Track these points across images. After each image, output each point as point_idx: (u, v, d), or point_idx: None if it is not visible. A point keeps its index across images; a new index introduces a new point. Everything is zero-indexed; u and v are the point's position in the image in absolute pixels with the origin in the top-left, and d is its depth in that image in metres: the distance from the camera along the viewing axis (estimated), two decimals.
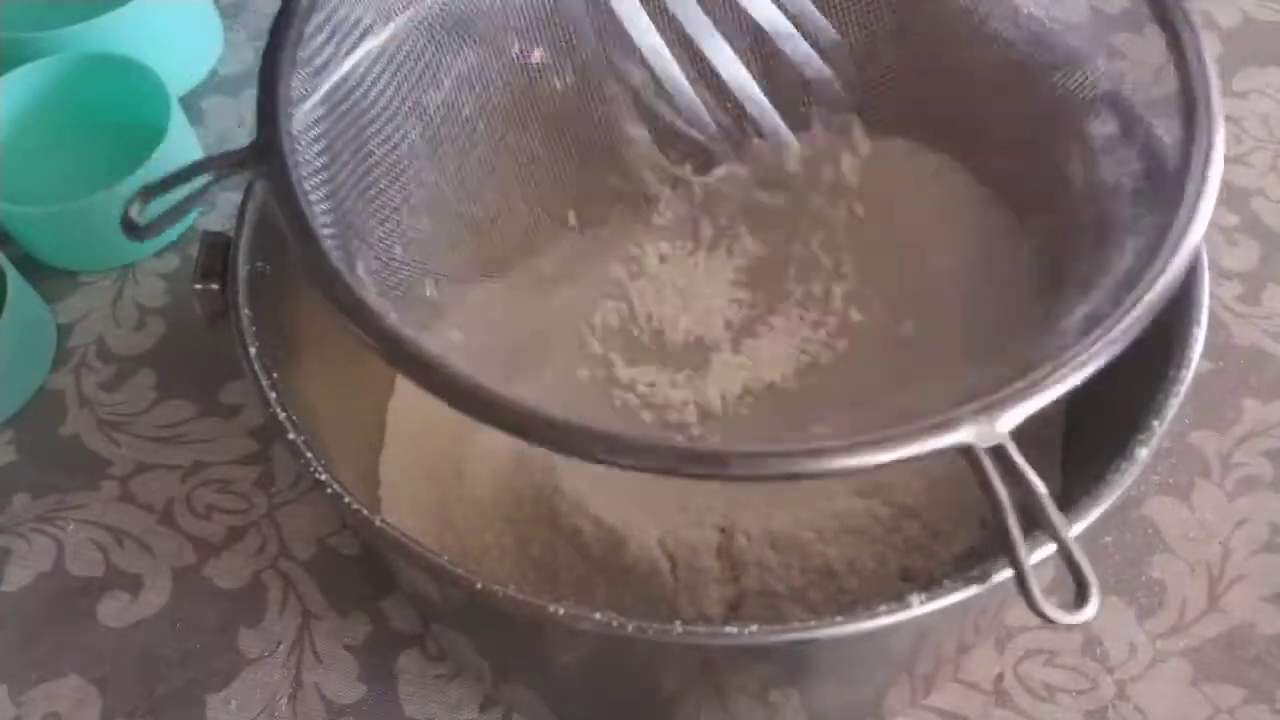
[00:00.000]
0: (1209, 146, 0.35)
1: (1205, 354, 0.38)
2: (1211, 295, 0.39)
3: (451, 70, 0.46)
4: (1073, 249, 0.40)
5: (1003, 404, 0.30)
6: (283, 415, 0.38)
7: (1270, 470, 0.51)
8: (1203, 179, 0.34)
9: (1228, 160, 0.61)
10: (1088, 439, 0.46)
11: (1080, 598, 0.30)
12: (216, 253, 0.42)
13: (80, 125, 0.64)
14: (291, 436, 0.37)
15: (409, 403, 0.51)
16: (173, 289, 0.61)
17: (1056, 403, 0.31)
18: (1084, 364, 0.31)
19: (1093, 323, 0.33)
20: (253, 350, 0.39)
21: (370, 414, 0.50)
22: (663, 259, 0.53)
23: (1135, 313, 0.32)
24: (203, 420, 0.56)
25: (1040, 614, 0.30)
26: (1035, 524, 0.30)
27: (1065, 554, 0.30)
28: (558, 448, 0.30)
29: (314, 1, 0.39)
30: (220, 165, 0.36)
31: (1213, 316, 0.41)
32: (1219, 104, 0.36)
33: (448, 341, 0.46)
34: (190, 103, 0.67)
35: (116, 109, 0.63)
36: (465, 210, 0.48)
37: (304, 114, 0.38)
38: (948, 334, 0.46)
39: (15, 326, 0.56)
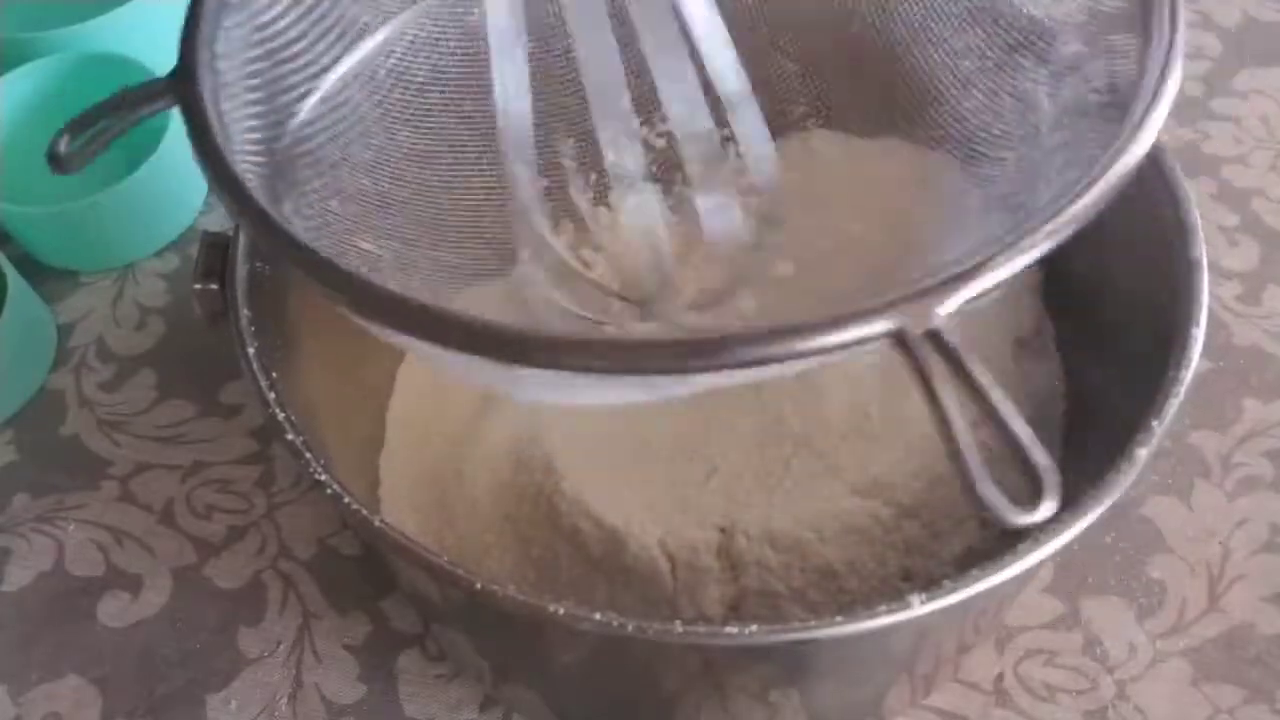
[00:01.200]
0: (1169, 43, 0.33)
1: (1205, 354, 0.38)
2: (1211, 295, 0.39)
3: (405, 35, 0.45)
4: (1038, 177, 0.39)
5: (940, 289, 0.28)
6: (283, 415, 0.38)
7: (1270, 470, 0.51)
8: (1165, 61, 0.33)
9: (1228, 160, 0.62)
10: (1088, 439, 0.46)
11: (1035, 491, 0.26)
12: (216, 253, 0.42)
13: None
14: (291, 436, 0.37)
15: (409, 403, 0.51)
16: (173, 289, 0.61)
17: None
18: (1019, 248, 0.29)
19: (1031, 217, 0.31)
20: (252, 350, 0.39)
21: (370, 414, 0.50)
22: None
23: (1086, 199, 0.30)
24: (203, 420, 0.56)
25: (988, 507, 0.26)
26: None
27: (1013, 444, 0.27)
28: (484, 352, 0.28)
29: None
30: (140, 95, 0.36)
31: (1213, 316, 0.41)
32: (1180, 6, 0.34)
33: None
34: None
35: None
36: (416, 176, 0.46)
37: (240, 53, 0.37)
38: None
39: (15, 326, 0.56)
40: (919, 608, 0.33)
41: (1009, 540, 0.33)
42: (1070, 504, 0.35)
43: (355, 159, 0.43)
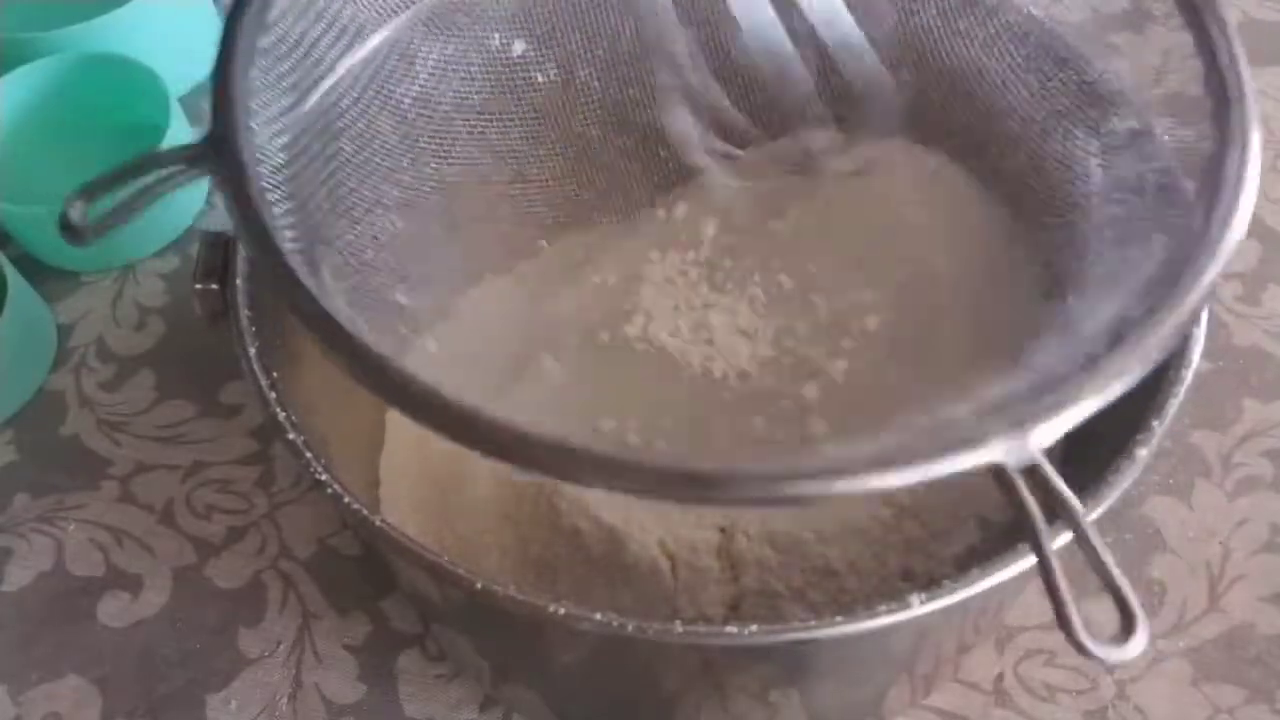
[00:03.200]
0: (1244, 144, 0.33)
1: (1205, 354, 0.38)
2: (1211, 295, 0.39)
3: (427, 62, 0.45)
4: (1088, 249, 0.39)
5: (1035, 418, 0.28)
6: (283, 415, 0.38)
7: (1270, 470, 0.51)
8: (1239, 179, 0.33)
9: None
10: (1088, 439, 0.46)
11: (1126, 629, 0.27)
12: (216, 253, 0.42)
13: (80, 125, 0.64)
14: (291, 436, 0.37)
15: None
16: (173, 289, 0.61)
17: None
18: (1121, 373, 0.29)
19: (1122, 328, 0.31)
20: (253, 350, 0.39)
21: (370, 414, 0.50)
22: (657, 265, 0.52)
23: (1174, 319, 0.30)
24: (203, 420, 0.56)
25: (1083, 650, 0.27)
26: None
27: (1109, 583, 0.28)
28: (550, 472, 0.29)
29: None
30: (170, 160, 0.33)
31: (1213, 316, 0.41)
32: (1253, 98, 0.34)
33: (425, 353, 0.45)
34: (190, 103, 0.67)
35: (116, 109, 0.63)
36: (443, 211, 0.47)
37: (266, 107, 0.36)
38: (950, 337, 0.46)
39: (15, 326, 0.56)
40: (919, 608, 0.33)
41: (1009, 540, 0.33)
42: None
43: (387, 199, 0.43)
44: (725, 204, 0.52)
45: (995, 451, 0.27)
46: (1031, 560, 0.33)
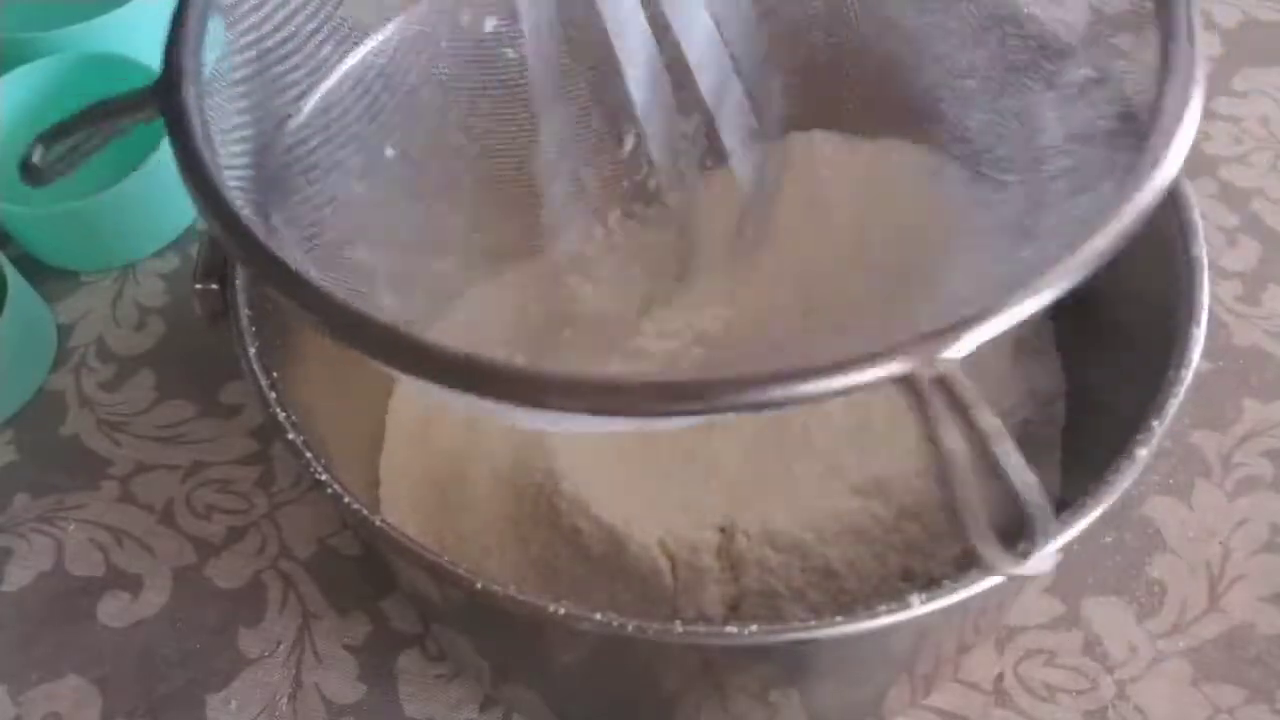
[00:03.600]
0: (1188, 77, 0.32)
1: (1205, 354, 0.38)
2: (1211, 295, 0.39)
3: (396, 36, 0.45)
4: (1044, 203, 0.39)
5: (951, 331, 0.27)
6: (283, 415, 0.38)
7: (1270, 470, 0.51)
8: (1179, 111, 0.32)
9: (1228, 160, 0.62)
10: (1088, 439, 0.46)
11: (1027, 534, 0.27)
12: (217, 253, 0.42)
13: None
14: (291, 436, 0.37)
15: (409, 403, 0.51)
16: (173, 289, 0.61)
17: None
18: (1030, 293, 0.28)
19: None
20: (253, 350, 0.39)
21: (370, 414, 0.50)
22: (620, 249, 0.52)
23: (1096, 242, 0.29)
24: (203, 420, 0.56)
25: (988, 562, 0.27)
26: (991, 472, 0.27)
27: (1013, 494, 0.27)
28: (505, 396, 0.28)
29: None
30: (120, 106, 0.35)
31: (1213, 316, 0.41)
32: (1198, 29, 0.33)
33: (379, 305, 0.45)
34: None
35: None
36: (407, 179, 0.46)
37: (223, 60, 0.36)
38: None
39: (15, 326, 0.56)
40: (919, 608, 0.33)
41: (1009, 541, 0.33)
42: (1070, 504, 0.35)
43: (349, 164, 0.43)
44: (712, 200, 0.52)
45: (906, 361, 0.27)
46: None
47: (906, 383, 0.27)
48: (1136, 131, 0.33)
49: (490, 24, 0.47)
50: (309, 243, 0.38)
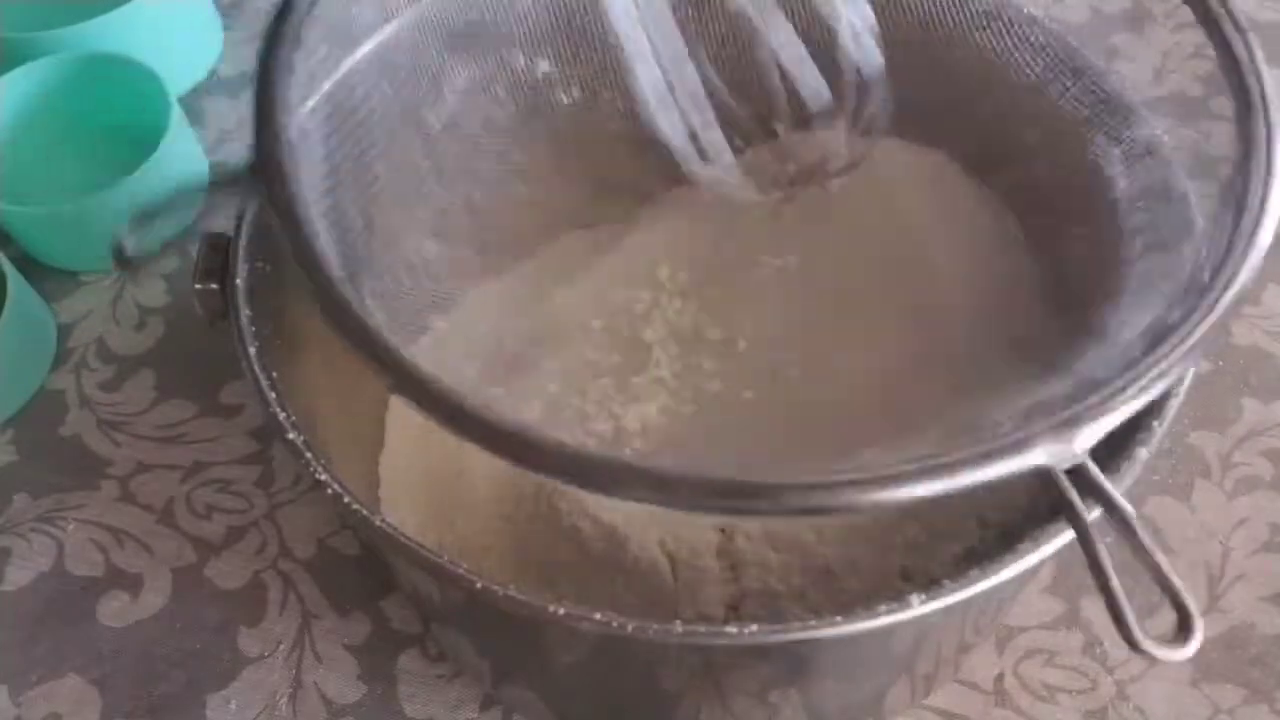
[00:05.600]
0: (1271, 149, 0.34)
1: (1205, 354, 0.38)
2: None
3: (455, 84, 0.45)
4: (1117, 257, 0.39)
5: (1079, 419, 0.28)
6: (283, 415, 0.38)
7: (1270, 470, 0.51)
8: (1267, 178, 0.33)
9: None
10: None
11: (1183, 629, 0.27)
12: (216, 253, 0.42)
13: (80, 125, 0.64)
14: (291, 436, 0.37)
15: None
16: (173, 289, 0.61)
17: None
18: (1164, 374, 0.29)
19: (1160, 332, 0.31)
20: (253, 350, 0.39)
21: (370, 414, 0.50)
22: (667, 266, 0.52)
23: (1212, 318, 0.31)
24: (203, 420, 0.56)
25: (1140, 650, 0.27)
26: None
27: (1163, 582, 0.28)
28: (581, 484, 0.29)
29: (314, 2, 0.37)
30: (216, 189, 0.34)
31: None
32: (1277, 103, 0.34)
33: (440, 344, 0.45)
34: (190, 103, 0.67)
35: (116, 109, 0.63)
36: (473, 231, 0.47)
37: (299, 125, 0.36)
38: (958, 341, 0.46)
39: (15, 326, 0.56)
40: (919, 608, 0.33)
41: (1009, 540, 0.33)
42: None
43: (418, 221, 0.43)
44: (729, 211, 0.52)
45: (1040, 454, 0.27)
46: (1032, 560, 0.33)
47: (1043, 477, 0.27)
48: (1209, 194, 0.34)
49: (543, 67, 0.47)
50: (392, 311, 0.38)
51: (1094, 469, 0.28)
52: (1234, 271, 0.32)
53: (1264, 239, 0.32)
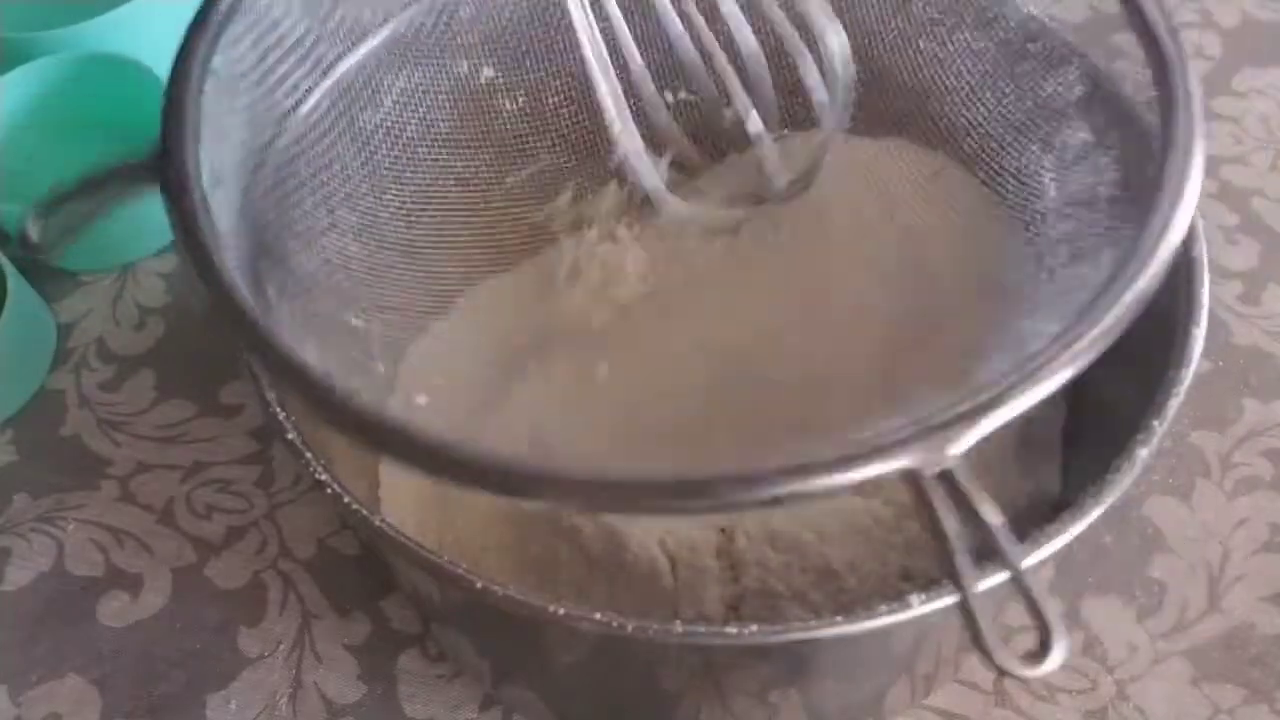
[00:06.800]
0: (1187, 151, 0.32)
1: (1205, 354, 0.38)
2: (1211, 295, 0.39)
3: (393, 89, 0.45)
4: (1043, 265, 0.39)
5: (950, 425, 0.28)
6: (283, 415, 0.38)
7: (1270, 470, 0.51)
8: (1181, 180, 0.32)
9: (1228, 160, 0.62)
10: (1088, 439, 0.46)
11: (1042, 645, 0.27)
12: None
13: (80, 125, 0.64)
14: (291, 436, 0.37)
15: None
16: (173, 289, 0.61)
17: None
18: (1037, 381, 0.29)
19: (1041, 343, 0.31)
20: None
21: None
22: (638, 281, 0.52)
23: (1094, 332, 0.30)
24: (203, 420, 0.56)
25: (993, 663, 0.27)
26: (988, 558, 0.28)
27: (1023, 592, 0.28)
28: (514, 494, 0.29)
29: (235, 5, 0.37)
30: (117, 176, 0.35)
31: (1213, 316, 0.41)
32: (1199, 103, 0.33)
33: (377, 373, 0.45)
34: None
35: (116, 109, 0.63)
36: (401, 237, 0.46)
37: (219, 126, 0.36)
38: (948, 346, 0.46)
39: (15, 326, 0.56)
40: (919, 608, 0.33)
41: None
42: (1070, 504, 0.35)
43: (343, 224, 0.43)
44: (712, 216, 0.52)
45: (909, 458, 0.27)
46: (1032, 561, 0.33)
47: (910, 478, 0.27)
48: (1136, 200, 0.33)
49: (486, 74, 0.47)
50: (301, 313, 0.38)
51: (961, 476, 0.27)
52: (1129, 280, 0.31)
53: (1167, 246, 0.31)
